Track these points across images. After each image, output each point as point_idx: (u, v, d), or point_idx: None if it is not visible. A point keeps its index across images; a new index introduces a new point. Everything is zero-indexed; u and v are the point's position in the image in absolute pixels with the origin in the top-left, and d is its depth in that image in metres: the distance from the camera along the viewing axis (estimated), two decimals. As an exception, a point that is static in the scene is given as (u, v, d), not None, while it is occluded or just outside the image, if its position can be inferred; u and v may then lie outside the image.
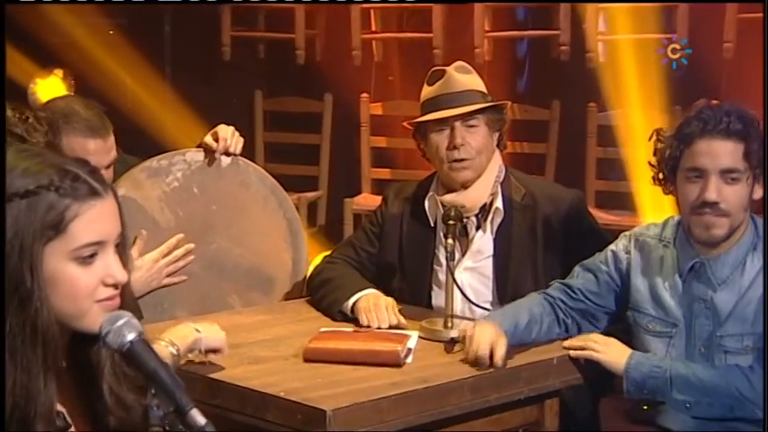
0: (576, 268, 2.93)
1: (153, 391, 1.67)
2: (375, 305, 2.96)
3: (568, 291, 2.90)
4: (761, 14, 5.04)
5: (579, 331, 2.89)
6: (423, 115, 3.16)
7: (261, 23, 6.00)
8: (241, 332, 2.91)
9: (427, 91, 3.16)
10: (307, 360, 2.67)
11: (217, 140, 3.24)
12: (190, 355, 2.50)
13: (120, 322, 1.70)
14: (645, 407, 4.04)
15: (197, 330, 2.52)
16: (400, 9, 5.80)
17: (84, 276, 1.67)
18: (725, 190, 2.64)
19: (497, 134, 3.18)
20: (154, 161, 3.23)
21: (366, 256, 3.27)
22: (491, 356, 2.60)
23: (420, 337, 2.85)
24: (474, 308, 3.07)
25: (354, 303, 3.01)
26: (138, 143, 3.47)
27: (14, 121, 2.57)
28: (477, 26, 5.41)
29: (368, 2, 5.62)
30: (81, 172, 1.68)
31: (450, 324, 2.88)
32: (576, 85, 5.47)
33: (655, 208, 4.92)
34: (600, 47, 5.35)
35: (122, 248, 1.73)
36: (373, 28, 5.81)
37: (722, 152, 2.63)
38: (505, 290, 3.10)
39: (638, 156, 5.08)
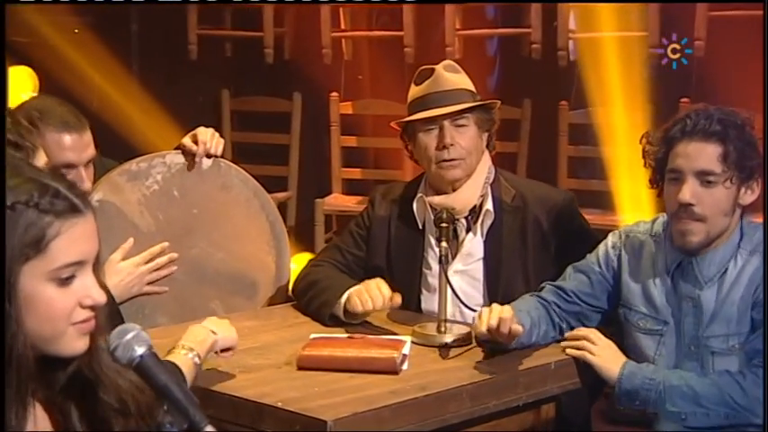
0: (568, 270, 2.90)
1: (165, 408, 1.59)
2: (365, 285, 2.89)
3: (562, 294, 2.87)
4: (732, 12, 5.06)
5: None
6: (410, 115, 3.09)
7: (227, 22, 5.89)
8: (229, 339, 2.83)
9: (415, 90, 3.09)
10: (300, 368, 2.59)
11: (196, 143, 3.15)
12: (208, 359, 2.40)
13: (129, 336, 1.63)
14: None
15: (212, 332, 2.43)
16: (370, 7, 5.72)
17: (61, 298, 1.57)
18: (701, 193, 2.62)
19: (486, 134, 3.12)
20: (133, 164, 3.14)
21: (353, 259, 3.19)
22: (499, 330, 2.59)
23: (413, 342, 2.78)
24: (465, 312, 3.01)
25: (346, 300, 2.92)
26: (106, 141, 3.35)
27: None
28: (449, 24, 5.35)
29: (337, 1, 5.55)
30: (61, 187, 1.57)
31: (443, 329, 2.82)
32: (547, 84, 5.44)
33: (633, 206, 4.91)
34: (571, 45, 5.32)
35: (97, 267, 1.64)
36: (343, 26, 5.73)
37: (698, 154, 2.61)
38: (497, 293, 3.04)
39: (614, 154, 5.08)
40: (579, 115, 5.29)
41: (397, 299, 2.87)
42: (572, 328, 2.86)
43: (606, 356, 2.70)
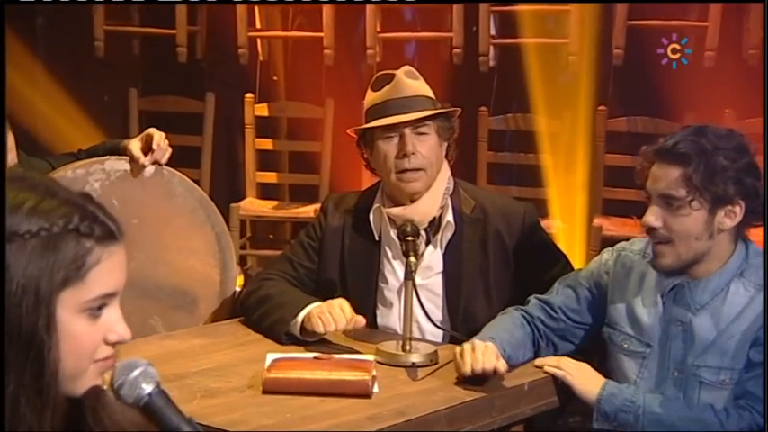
0: (556, 284, 2.80)
1: (177, 453, 1.42)
2: (328, 305, 2.75)
3: (549, 309, 2.77)
4: (649, 22, 5.07)
5: (555, 351, 2.76)
6: (368, 122, 2.94)
7: (136, 18, 5.61)
8: (180, 359, 2.66)
9: (373, 96, 2.95)
10: (266, 391, 2.43)
11: (148, 149, 2.95)
12: None
13: (136, 372, 1.45)
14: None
15: None
16: (285, 7, 5.54)
17: (90, 332, 1.39)
18: (665, 216, 2.52)
19: (446, 144, 3.00)
20: (69, 170, 2.93)
21: (305, 272, 3.02)
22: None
23: (376, 361, 2.64)
24: (424, 327, 2.89)
25: (304, 318, 2.77)
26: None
27: None
28: (370, 27, 5.22)
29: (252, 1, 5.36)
30: (98, 211, 1.41)
31: (408, 347, 2.69)
32: (466, 89, 5.36)
33: (564, 213, 4.88)
34: (491, 51, 5.26)
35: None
36: (258, 26, 5.53)
37: (662, 176, 2.52)
38: (457, 307, 2.93)
39: (534, 160, 5.05)
40: (498, 121, 5.24)
41: (361, 321, 2.74)
42: (554, 346, 2.77)
43: (584, 378, 2.61)
